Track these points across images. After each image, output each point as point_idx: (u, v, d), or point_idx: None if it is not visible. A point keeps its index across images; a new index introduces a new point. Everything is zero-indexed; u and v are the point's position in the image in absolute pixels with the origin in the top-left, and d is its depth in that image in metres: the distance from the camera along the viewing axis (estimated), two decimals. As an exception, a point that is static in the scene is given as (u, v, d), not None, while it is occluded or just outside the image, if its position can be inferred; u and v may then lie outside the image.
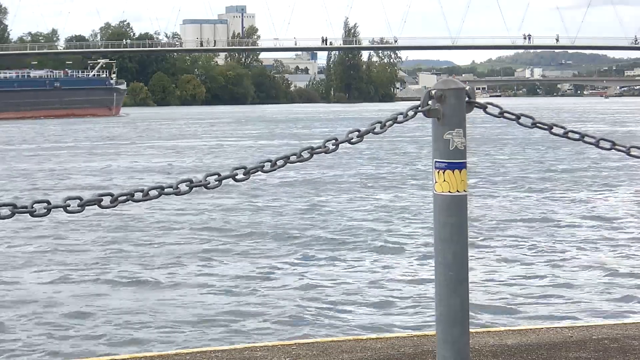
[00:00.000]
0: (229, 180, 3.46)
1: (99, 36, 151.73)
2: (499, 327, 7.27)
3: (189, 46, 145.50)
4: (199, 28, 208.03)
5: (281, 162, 3.49)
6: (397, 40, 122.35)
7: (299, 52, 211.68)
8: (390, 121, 3.50)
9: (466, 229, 3.45)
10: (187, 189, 3.42)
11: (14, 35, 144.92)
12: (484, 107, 3.59)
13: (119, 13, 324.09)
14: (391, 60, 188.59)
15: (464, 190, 3.42)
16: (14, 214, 3.22)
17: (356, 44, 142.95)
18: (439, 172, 3.42)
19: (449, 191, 3.41)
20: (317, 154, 3.51)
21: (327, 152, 3.50)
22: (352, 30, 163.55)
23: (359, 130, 3.52)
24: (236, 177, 3.47)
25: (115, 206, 3.36)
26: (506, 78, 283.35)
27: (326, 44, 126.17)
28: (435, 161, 3.43)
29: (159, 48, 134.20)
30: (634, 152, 3.84)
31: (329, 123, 69.26)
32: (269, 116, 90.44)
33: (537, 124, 3.63)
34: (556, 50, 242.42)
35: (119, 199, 3.36)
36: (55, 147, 41.28)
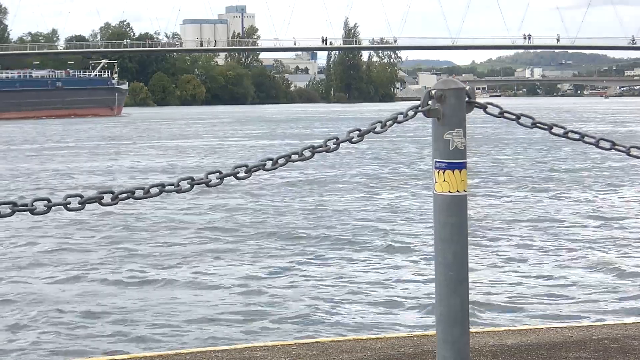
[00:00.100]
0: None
1: (99, 36, 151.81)
2: (499, 327, 7.27)
3: (189, 46, 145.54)
4: (199, 28, 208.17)
5: (282, 160, 3.50)
6: (397, 40, 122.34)
7: (299, 52, 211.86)
8: (391, 121, 3.51)
9: (466, 229, 3.46)
10: (189, 186, 3.42)
11: (14, 35, 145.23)
12: (484, 107, 3.59)
13: (119, 13, 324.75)
14: (391, 60, 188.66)
15: (464, 190, 3.43)
16: (14, 212, 3.22)
17: (356, 44, 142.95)
18: (439, 172, 3.43)
19: (449, 191, 3.42)
20: (318, 153, 3.51)
21: (328, 151, 3.50)
22: (352, 30, 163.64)
23: (360, 130, 3.52)
24: (238, 175, 3.47)
25: (116, 204, 3.36)
26: (506, 78, 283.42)
27: (326, 44, 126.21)
28: (435, 161, 3.44)
29: (159, 48, 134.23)
30: (634, 152, 3.85)
31: (330, 123, 69.25)
32: (269, 116, 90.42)
33: (537, 124, 3.63)
34: (556, 50, 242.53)
35: (119, 196, 3.36)
36: (57, 147, 41.27)
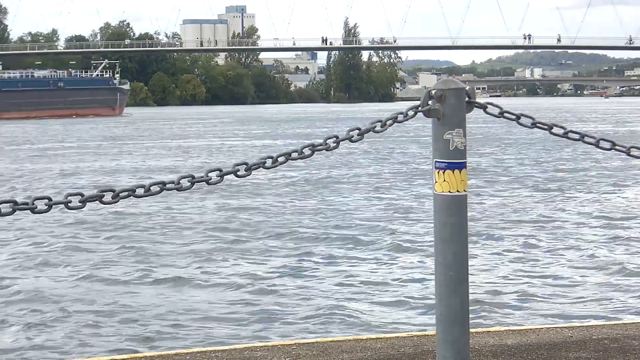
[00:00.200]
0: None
1: (99, 36, 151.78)
2: (499, 327, 7.27)
3: (189, 46, 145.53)
4: (199, 28, 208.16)
5: (282, 158, 3.50)
6: (397, 40, 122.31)
7: (299, 52, 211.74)
8: (391, 120, 3.51)
9: (466, 229, 3.46)
10: (189, 184, 3.42)
11: (14, 35, 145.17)
12: (484, 107, 3.59)
13: (119, 13, 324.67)
14: (391, 60, 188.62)
15: (464, 190, 3.43)
16: (15, 211, 3.22)
17: (356, 44, 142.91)
18: (439, 172, 3.43)
19: (449, 191, 3.42)
20: (319, 152, 3.51)
21: (328, 150, 3.50)
22: (352, 30, 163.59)
23: (360, 129, 3.52)
24: (238, 172, 3.47)
25: (116, 202, 3.35)
26: (506, 78, 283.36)
27: (326, 44, 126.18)
28: (436, 161, 3.44)
29: (159, 48, 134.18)
30: (634, 152, 3.85)
31: (330, 123, 69.25)
32: (269, 116, 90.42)
33: (537, 124, 3.63)
34: (556, 50, 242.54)
35: (120, 194, 3.36)
36: (59, 147, 41.26)
